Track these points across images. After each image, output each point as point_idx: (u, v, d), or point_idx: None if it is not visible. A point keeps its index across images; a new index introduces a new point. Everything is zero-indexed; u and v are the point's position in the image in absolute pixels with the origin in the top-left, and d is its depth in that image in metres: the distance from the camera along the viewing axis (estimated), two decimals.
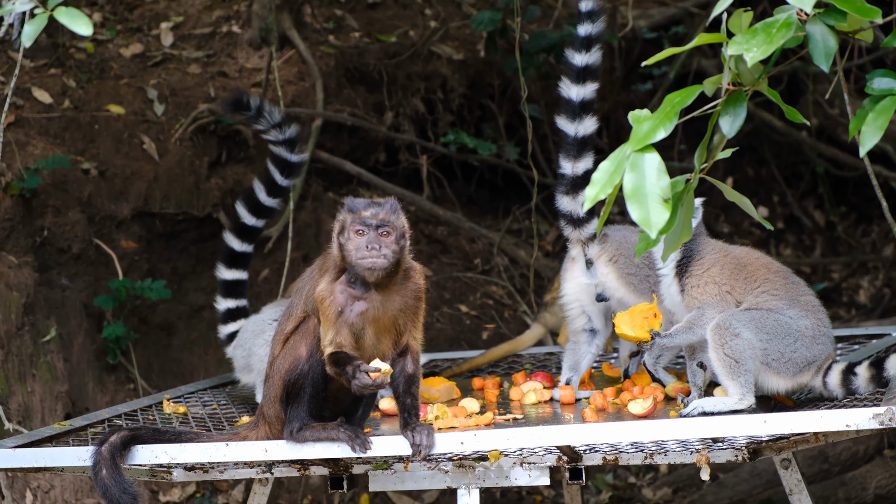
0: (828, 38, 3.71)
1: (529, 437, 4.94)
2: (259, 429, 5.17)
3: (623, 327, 5.45)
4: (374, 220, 4.86)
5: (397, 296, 4.96)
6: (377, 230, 4.85)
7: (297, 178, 6.93)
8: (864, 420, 4.69)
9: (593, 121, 5.99)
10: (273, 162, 6.79)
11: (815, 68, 10.92)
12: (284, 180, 6.80)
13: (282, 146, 6.75)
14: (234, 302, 6.93)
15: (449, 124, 10.70)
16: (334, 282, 4.93)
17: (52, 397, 7.99)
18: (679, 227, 3.85)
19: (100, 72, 9.59)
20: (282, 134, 6.72)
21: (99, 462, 5.01)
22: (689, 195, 3.82)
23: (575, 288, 6.09)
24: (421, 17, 10.94)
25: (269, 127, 6.70)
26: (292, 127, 6.76)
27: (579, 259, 6.04)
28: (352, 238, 4.86)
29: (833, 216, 12.04)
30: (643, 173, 3.61)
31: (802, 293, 5.48)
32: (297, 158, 6.77)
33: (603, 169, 3.67)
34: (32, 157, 8.63)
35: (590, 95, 5.99)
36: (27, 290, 8.07)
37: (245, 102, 6.67)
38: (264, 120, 6.69)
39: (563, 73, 6.01)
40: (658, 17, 11.51)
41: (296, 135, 6.76)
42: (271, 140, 6.75)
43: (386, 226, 4.86)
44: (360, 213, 4.88)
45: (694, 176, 3.80)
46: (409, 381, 5.01)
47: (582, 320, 6.11)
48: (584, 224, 5.98)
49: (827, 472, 8.72)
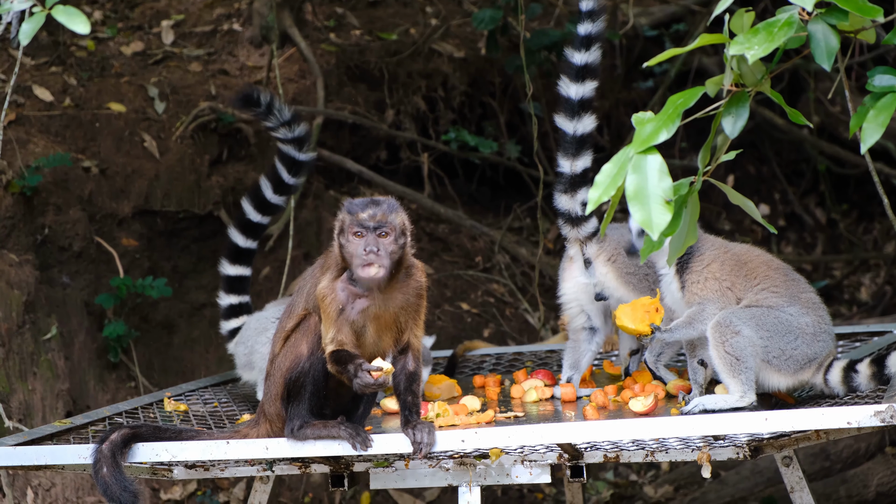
0: (829, 37, 3.70)
1: (530, 434, 4.94)
2: (260, 426, 5.17)
3: (624, 319, 5.45)
4: (371, 222, 4.85)
5: (399, 293, 4.96)
6: (375, 231, 4.85)
7: (304, 177, 6.91)
8: (866, 417, 4.69)
9: (592, 119, 5.97)
10: (281, 160, 6.77)
11: (816, 66, 10.92)
12: (291, 178, 6.79)
13: (290, 144, 6.74)
14: (236, 298, 6.92)
15: (450, 122, 10.70)
16: (335, 280, 4.93)
17: (52, 395, 7.99)
18: (684, 229, 3.85)
19: (101, 70, 9.59)
20: (290, 132, 6.71)
21: (100, 460, 5.00)
22: (693, 198, 3.82)
23: (573, 287, 6.07)
24: (422, 15, 10.94)
25: (279, 124, 6.69)
26: (301, 125, 6.74)
27: (577, 258, 6.03)
28: (351, 240, 4.86)
29: (834, 214, 12.04)
30: (645, 175, 3.61)
31: (803, 290, 5.48)
32: (304, 157, 6.76)
33: (606, 171, 3.67)
34: (33, 155, 8.63)
35: (589, 94, 5.98)
36: (28, 289, 8.07)
37: (255, 98, 6.65)
38: (274, 117, 6.67)
39: (563, 72, 6.00)
40: (659, 14, 11.51)
41: (304, 133, 6.74)
42: (280, 138, 6.73)
43: (384, 226, 4.86)
44: (357, 214, 4.87)
45: (698, 178, 3.80)
46: (410, 378, 5.01)
47: (581, 319, 6.10)
48: (582, 223, 5.97)
49: (828, 469, 8.71)
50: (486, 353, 7.33)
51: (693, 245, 5.53)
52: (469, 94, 10.84)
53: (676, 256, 4.02)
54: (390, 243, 4.86)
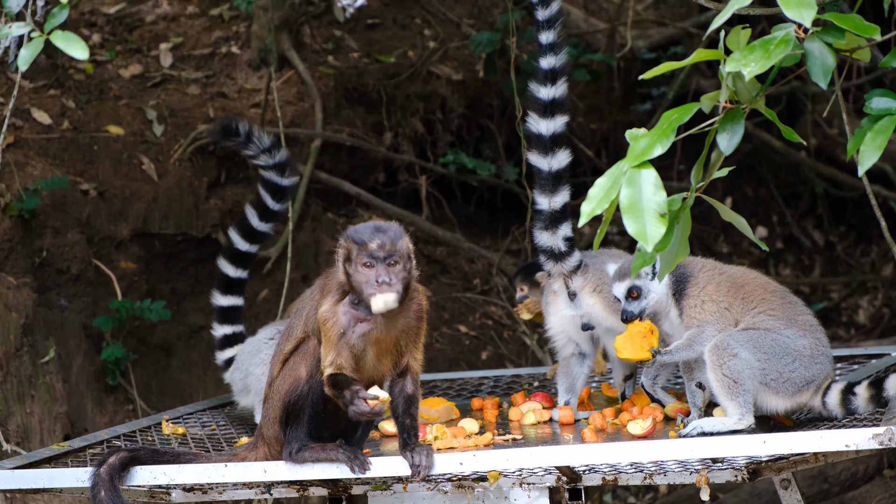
0: (826, 55, 3.71)
1: (528, 457, 4.93)
2: (258, 449, 5.16)
3: (625, 352, 5.45)
4: (381, 252, 4.79)
5: (400, 316, 4.94)
6: (385, 261, 4.82)
7: (288, 202, 6.92)
8: (864, 440, 4.68)
9: (566, 153, 5.93)
10: (264, 187, 6.79)
11: (813, 88, 10.94)
12: (276, 204, 6.80)
13: (272, 170, 6.75)
14: (230, 328, 6.92)
15: (448, 144, 10.71)
16: (338, 303, 4.91)
17: (50, 418, 7.98)
18: (676, 245, 3.85)
19: (99, 93, 9.60)
20: (272, 158, 6.72)
21: (97, 483, 4.99)
22: (685, 213, 3.82)
23: (560, 321, 6.06)
24: (420, 38, 10.96)
25: (259, 152, 6.71)
26: (282, 151, 6.76)
27: (561, 292, 6.02)
28: (360, 271, 4.82)
29: (832, 236, 12.05)
30: (640, 188, 3.62)
31: (800, 312, 5.48)
32: (287, 182, 6.76)
33: (599, 185, 3.68)
34: (31, 177, 8.63)
35: (560, 129, 5.95)
36: (26, 311, 8.07)
37: (234, 129, 6.68)
38: (254, 145, 6.70)
39: (530, 108, 5.97)
40: (657, 37, 11.53)
41: (286, 158, 6.75)
42: (261, 165, 6.75)
43: (393, 255, 4.81)
44: (366, 244, 4.80)
45: (690, 193, 3.80)
46: (408, 401, 5.00)
47: (570, 347, 6.10)
48: (565, 258, 5.94)
49: (827, 492, 8.70)
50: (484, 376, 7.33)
51: (686, 270, 5.54)
52: (467, 116, 10.85)
53: (667, 272, 4.02)
54: (400, 271, 4.82)
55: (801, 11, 3.55)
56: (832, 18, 3.69)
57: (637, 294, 5.53)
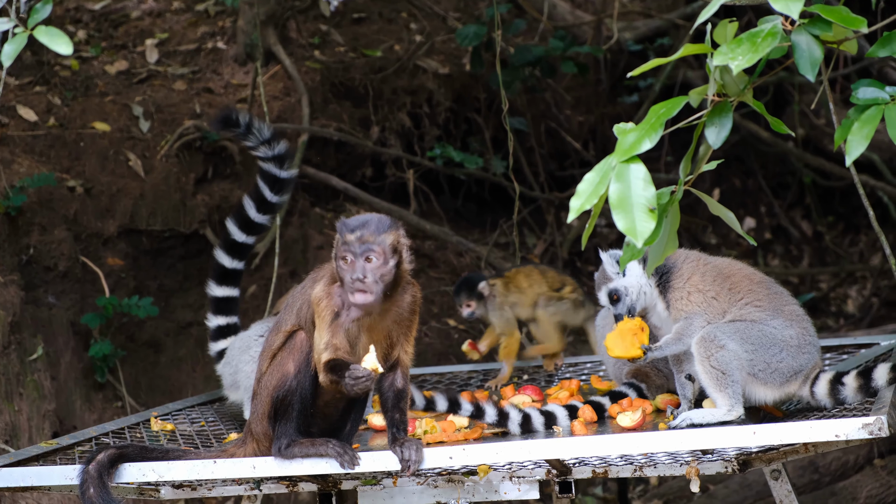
0: (813, 47, 3.71)
1: (518, 450, 4.93)
2: (247, 445, 5.15)
3: (615, 349, 5.44)
4: (357, 245, 4.79)
5: (394, 307, 4.93)
6: (362, 256, 4.80)
7: (286, 195, 6.90)
8: (854, 430, 4.69)
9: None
10: (262, 178, 6.76)
11: (800, 79, 10.94)
12: (274, 197, 6.78)
13: (271, 162, 6.73)
14: (224, 319, 6.90)
15: (435, 138, 10.70)
16: (331, 285, 4.90)
17: (39, 416, 7.96)
18: (664, 238, 3.85)
19: (85, 89, 9.58)
20: (271, 150, 6.70)
21: (86, 481, 4.98)
22: (674, 207, 3.82)
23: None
24: (406, 32, 10.95)
25: (259, 143, 6.68)
26: (282, 143, 6.73)
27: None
28: (339, 265, 4.83)
29: (820, 226, 12.07)
30: (629, 183, 3.60)
31: (786, 303, 5.48)
32: (286, 174, 6.74)
33: (588, 180, 3.66)
34: (18, 175, 8.61)
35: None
36: (13, 309, 8.05)
37: (234, 119, 6.65)
38: (253, 136, 6.67)
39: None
40: (643, 29, 11.53)
41: (285, 151, 6.73)
42: (261, 156, 6.72)
43: (371, 250, 4.79)
44: (345, 235, 4.82)
45: (679, 187, 3.79)
46: (398, 395, 4.99)
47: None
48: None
49: (817, 482, 8.71)
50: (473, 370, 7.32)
51: (670, 262, 5.53)
52: (454, 110, 10.84)
53: (655, 265, 4.01)
54: (378, 267, 4.80)
55: (788, 3, 3.54)
56: (819, 10, 3.68)
57: (617, 297, 5.54)
